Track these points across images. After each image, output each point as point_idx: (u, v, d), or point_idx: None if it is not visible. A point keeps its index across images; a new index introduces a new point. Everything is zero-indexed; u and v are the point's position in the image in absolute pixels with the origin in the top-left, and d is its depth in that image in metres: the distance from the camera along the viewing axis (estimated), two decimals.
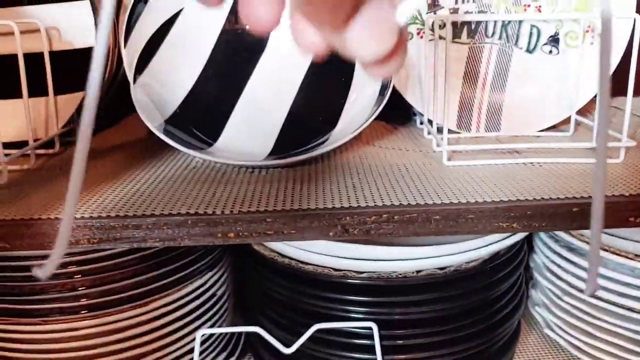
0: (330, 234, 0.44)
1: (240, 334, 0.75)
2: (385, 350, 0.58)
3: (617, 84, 0.63)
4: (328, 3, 0.19)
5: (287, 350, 0.57)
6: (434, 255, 0.57)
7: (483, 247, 0.58)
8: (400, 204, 0.45)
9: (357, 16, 0.19)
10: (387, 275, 0.58)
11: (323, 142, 0.56)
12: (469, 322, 0.62)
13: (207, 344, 0.67)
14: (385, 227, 0.44)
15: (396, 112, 0.68)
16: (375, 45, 0.20)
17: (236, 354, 0.72)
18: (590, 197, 0.45)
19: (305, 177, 0.51)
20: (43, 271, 0.26)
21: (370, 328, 0.58)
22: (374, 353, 0.59)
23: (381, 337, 0.58)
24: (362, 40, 0.20)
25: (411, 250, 0.56)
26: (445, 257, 0.57)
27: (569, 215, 0.44)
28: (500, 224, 0.44)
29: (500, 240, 0.59)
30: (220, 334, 0.70)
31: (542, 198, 0.45)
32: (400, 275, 0.58)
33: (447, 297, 0.59)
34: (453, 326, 0.61)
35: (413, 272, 0.58)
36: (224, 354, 0.71)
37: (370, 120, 0.54)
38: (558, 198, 0.45)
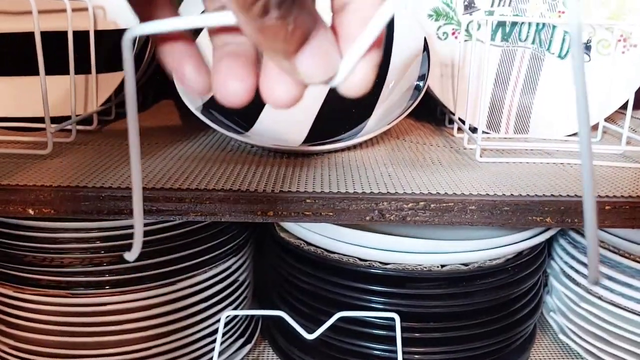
0: (367, 218, 0.45)
1: (257, 320, 0.76)
2: (403, 342, 0.59)
3: None
4: (280, 35, 0.21)
5: (310, 336, 0.58)
6: (459, 250, 0.58)
7: (508, 245, 0.59)
8: (437, 192, 0.46)
9: (306, 47, 0.22)
10: (412, 268, 0.59)
11: (357, 132, 0.57)
12: (487, 319, 0.62)
13: (227, 328, 0.68)
14: (422, 215, 0.45)
15: (423, 110, 0.69)
16: (321, 73, 0.23)
17: (253, 341, 0.73)
18: (622, 196, 0.46)
19: (340, 164, 0.52)
20: (130, 255, 0.29)
21: (392, 319, 0.59)
22: (393, 344, 0.60)
23: (402, 329, 0.59)
24: (309, 67, 0.23)
25: (438, 244, 0.57)
26: (471, 252, 0.58)
27: (602, 213, 0.45)
28: (534, 217, 0.45)
29: (525, 240, 0.60)
30: (240, 319, 0.71)
31: (576, 195, 0.46)
32: (425, 269, 0.59)
33: (468, 293, 0.60)
34: (472, 322, 0.62)
35: (438, 266, 0.59)
36: (241, 340, 0.71)
37: (406, 113, 0.55)
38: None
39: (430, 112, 0.72)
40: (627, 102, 0.58)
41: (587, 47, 0.64)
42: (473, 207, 0.45)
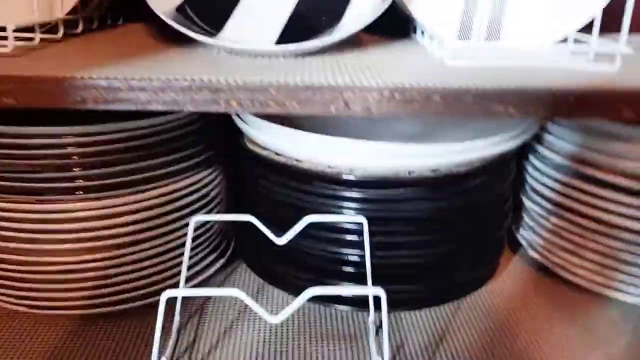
0: (332, 108, 0.45)
1: (230, 239, 0.76)
2: (372, 246, 0.60)
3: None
4: None
5: (279, 241, 0.59)
6: (427, 154, 0.58)
7: (476, 150, 0.59)
8: (402, 83, 0.45)
9: None
10: (380, 174, 0.59)
11: (330, 34, 0.56)
12: (455, 225, 0.63)
13: (199, 241, 0.68)
14: (387, 105, 0.45)
15: (393, 30, 0.69)
16: None
17: (226, 256, 0.74)
18: (589, 88, 0.46)
19: (307, 66, 0.52)
20: None
21: (360, 223, 0.59)
22: (362, 249, 0.61)
23: (370, 233, 0.59)
24: None
25: (406, 148, 0.57)
26: (439, 157, 0.58)
27: (566, 104, 0.46)
28: (497, 107, 0.46)
29: (493, 146, 0.60)
30: (212, 234, 0.71)
31: (543, 87, 0.46)
32: (392, 175, 0.59)
33: (436, 198, 0.61)
34: (439, 227, 0.62)
35: (405, 173, 0.59)
36: (214, 255, 0.72)
37: (384, 7, 0.54)
38: (557, 88, 0.46)
39: (401, 30, 0.72)
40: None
41: None
42: (437, 98, 0.45)
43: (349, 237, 0.61)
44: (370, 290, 0.47)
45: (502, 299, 0.71)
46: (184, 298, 0.67)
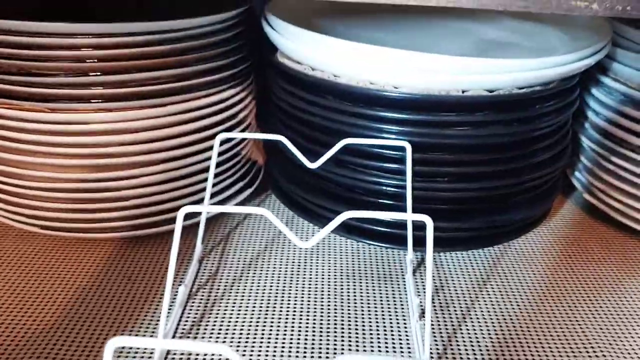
0: None
1: (258, 169, 0.71)
2: (413, 175, 0.54)
3: None
4: None
5: (312, 165, 0.52)
6: (486, 71, 0.51)
7: (540, 70, 0.52)
8: None
9: None
10: (428, 91, 0.52)
11: None
12: (507, 156, 0.56)
13: (225, 166, 0.63)
14: None
15: None
16: None
17: (254, 186, 0.68)
18: None
19: None
20: None
21: (402, 148, 0.53)
22: (402, 179, 0.55)
23: (412, 161, 0.53)
24: None
25: (463, 62, 0.50)
26: (498, 75, 0.51)
27: None
28: (578, 2, 0.39)
29: (558, 66, 0.53)
30: (239, 161, 0.66)
31: None
32: (443, 92, 0.52)
33: (490, 123, 0.54)
34: (491, 158, 0.56)
35: (458, 92, 0.52)
36: (241, 183, 0.66)
37: None
38: None
39: None
40: None
41: None
42: None
43: (388, 165, 0.55)
44: (413, 216, 0.41)
45: (553, 244, 0.64)
46: (206, 227, 0.62)
